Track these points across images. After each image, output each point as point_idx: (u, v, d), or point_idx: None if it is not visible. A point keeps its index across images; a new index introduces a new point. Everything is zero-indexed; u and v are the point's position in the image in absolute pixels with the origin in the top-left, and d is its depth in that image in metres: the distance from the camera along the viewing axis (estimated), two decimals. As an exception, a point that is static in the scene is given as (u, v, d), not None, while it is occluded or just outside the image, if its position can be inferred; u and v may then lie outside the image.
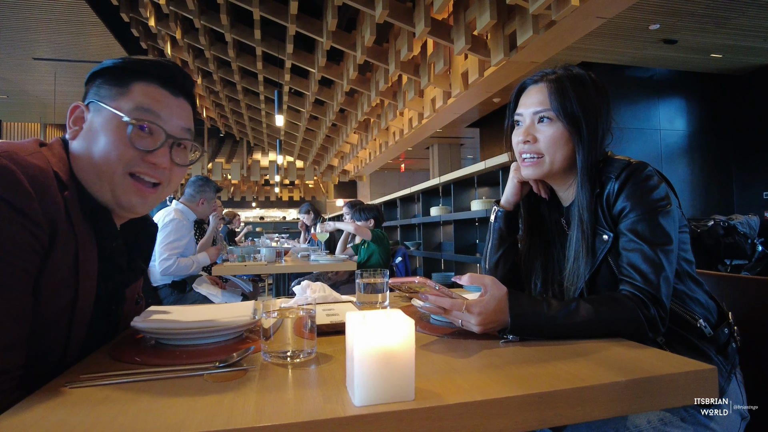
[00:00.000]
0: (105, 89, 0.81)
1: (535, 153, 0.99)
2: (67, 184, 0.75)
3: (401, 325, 0.55)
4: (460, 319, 0.81)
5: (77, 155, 0.80)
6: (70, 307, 0.73)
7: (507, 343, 0.79)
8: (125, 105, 0.80)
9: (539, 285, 1.08)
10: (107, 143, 0.78)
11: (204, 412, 0.52)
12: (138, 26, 6.85)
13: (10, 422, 0.50)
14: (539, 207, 1.12)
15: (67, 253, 0.72)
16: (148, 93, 0.81)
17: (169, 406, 0.54)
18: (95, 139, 0.79)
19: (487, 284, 0.81)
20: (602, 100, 0.98)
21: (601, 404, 0.59)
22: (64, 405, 0.55)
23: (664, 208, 0.89)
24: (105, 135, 0.79)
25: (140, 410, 0.53)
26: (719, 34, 5.74)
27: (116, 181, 0.79)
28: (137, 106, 0.80)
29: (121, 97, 0.80)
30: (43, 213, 0.67)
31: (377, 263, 3.44)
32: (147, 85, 0.82)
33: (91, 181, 0.80)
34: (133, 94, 0.80)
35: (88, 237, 0.77)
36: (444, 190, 4.67)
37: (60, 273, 0.71)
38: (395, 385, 0.54)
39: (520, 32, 3.83)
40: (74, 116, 0.81)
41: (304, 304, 0.75)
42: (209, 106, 10.91)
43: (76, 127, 0.81)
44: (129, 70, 0.82)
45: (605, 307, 0.82)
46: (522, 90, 1.04)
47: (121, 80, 0.81)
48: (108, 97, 0.80)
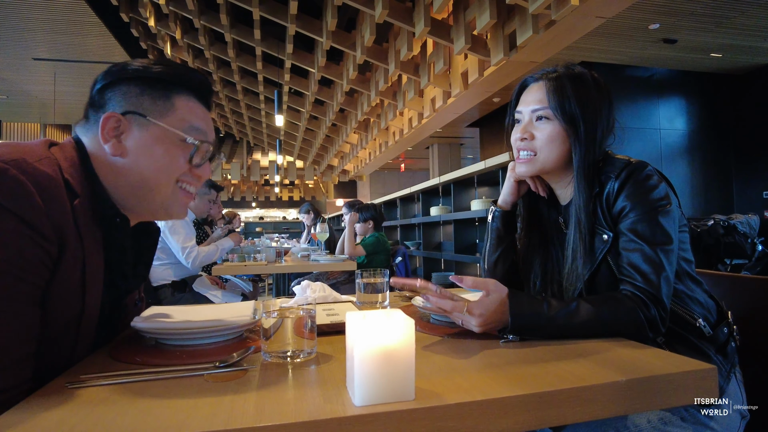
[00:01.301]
0: (147, 101, 0.80)
1: (531, 150, 0.99)
2: (79, 192, 0.73)
3: (401, 325, 0.55)
4: (461, 320, 0.81)
5: (114, 165, 0.79)
6: (77, 318, 0.73)
7: (507, 343, 0.79)
8: (178, 122, 0.82)
9: (538, 284, 1.08)
10: (166, 159, 0.81)
11: (204, 412, 0.52)
12: (138, 26, 6.85)
13: (10, 422, 0.50)
14: (538, 205, 1.12)
15: (75, 264, 0.71)
16: (193, 111, 0.84)
17: (169, 406, 0.54)
18: (146, 153, 0.79)
19: (488, 286, 0.81)
20: (603, 99, 0.98)
21: (601, 404, 0.59)
22: (64, 405, 0.55)
23: (664, 207, 0.89)
24: (162, 151, 0.80)
25: (140, 410, 0.53)
26: (719, 34, 5.74)
27: (168, 192, 0.83)
28: (191, 125, 0.83)
29: (169, 112, 0.81)
30: (52, 226, 0.66)
31: (378, 264, 3.45)
32: (188, 100, 0.84)
33: (130, 191, 0.80)
34: (180, 111, 0.82)
35: (95, 247, 0.76)
36: (444, 189, 4.67)
37: (68, 285, 0.70)
38: (395, 385, 0.54)
39: (519, 32, 3.83)
40: (110, 126, 0.79)
41: (304, 304, 0.75)
42: (209, 106, 10.89)
43: (112, 136, 0.79)
44: (169, 82, 0.82)
45: (606, 307, 0.82)
46: (524, 87, 1.05)
47: (163, 92, 0.81)
48: (156, 113, 0.80)
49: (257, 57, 6.88)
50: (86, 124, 0.82)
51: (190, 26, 6.76)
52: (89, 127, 0.81)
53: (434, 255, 4.85)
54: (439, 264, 5.13)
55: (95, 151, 0.80)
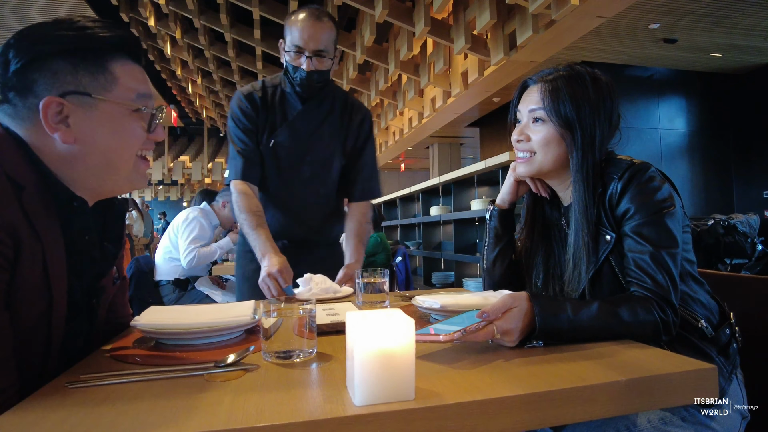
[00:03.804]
0: (86, 77, 0.73)
1: (528, 151, 1.00)
2: (23, 183, 0.67)
3: (401, 325, 0.55)
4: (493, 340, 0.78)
5: (67, 153, 0.73)
6: (46, 313, 0.70)
7: (532, 347, 0.77)
8: (125, 93, 0.77)
9: (540, 285, 1.08)
10: (125, 135, 0.77)
11: (204, 412, 0.52)
12: (138, 26, 6.85)
13: (10, 422, 0.50)
14: (540, 206, 1.12)
15: (35, 260, 0.67)
16: (134, 76, 0.79)
17: (169, 406, 0.54)
18: (103, 134, 0.75)
19: (508, 303, 0.77)
20: (603, 100, 0.96)
21: (601, 404, 0.59)
22: (64, 405, 0.55)
23: (668, 209, 0.89)
24: (118, 127, 0.76)
25: (140, 410, 0.53)
26: (719, 33, 5.74)
27: (131, 166, 0.79)
28: (138, 93, 0.78)
29: (111, 84, 0.75)
30: (2, 226, 0.62)
31: (378, 264, 3.45)
32: (124, 65, 0.78)
33: (89, 174, 0.75)
34: (123, 80, 0.76)
35: (53, 237, 0.70)
36: (444, 189, 4.68)
37: (30, 282, 0.67)
38: (395, 385, 0.54)
39: (519, 32, 3.83)
40: (52, 112, 0.71)
41: (306, 298, 0.75)
42: (209, 106, 10.91)
43: (58, 122, 0.72)
44: (99, 50, 0.75)
45: (625, 307, 0.81)
46: (524, 88, 1.05)
47: (98, 63, 0.74)
48: (99, 88, 0.74)
49: (257, 57, 6.88)
50: (11, 110, 0.73)
51: (190, 26, 6.76)
52: (17, 113, 0.72)
53: (434, 255, 4.85)
54: (439, 264, 5.13)
55: (35, 141, 0.72)
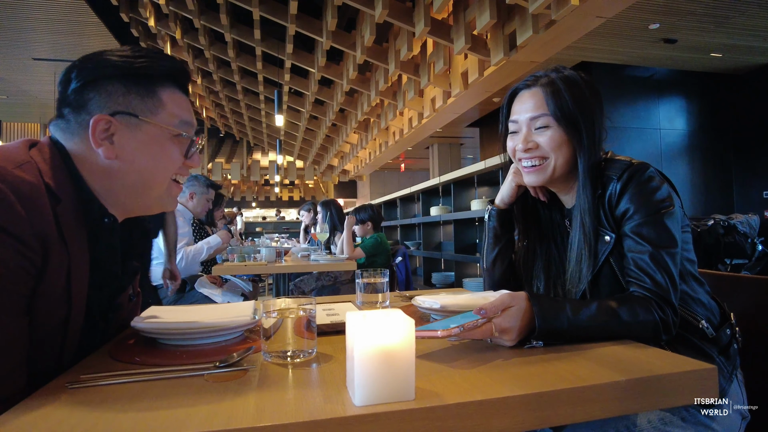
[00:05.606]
0: (136, 100, 0.78)
1: (539, 158, 0.97)
2: (61, 196, 0.71)
3: (401, 325, 0.55)
4: (492, 339, 0.78)
5: (107, 168, 0.77)
6: (63, 323, 0.71)
7: (531, 348, 0.77)
8: (169, 118, 0.81)
9: (542, 287, 1.07)
10: (164, 157, 0.81)
11: (204, 412, 0.52)
12: (138, 26, 6.85)
13: (10, 422, 0.50)
14: (536, 208, 1.11)
15: (60, 270, 0.69)
16: (180, 104, 0.84)
17: (169, 406, 0.54)
18: (143, 154, 0.79)
19: (506, 301, 0.78)
20: (596, 100, 0.97)
21: (601, 404, 0.59)
22: (64, 405, 0.55)
23: (667, 209, 0.88)
24: (158, 149, 0.80)
25: (140, 410, 0.53)
26: (719, 34, 5.74)
27: (164, 188, 0.83)
28: (182, 120, 0.83)
29: (158, 109, 0.80)
30: (34, 234, 0.65)
31: (378, 264, 3.45)
32: (173, 93, 0.83)
33: (125, 191, 0.79)
34: (169, 106, 0.81)
35: (80, 250, 0.73)
36: (444, 189, 4.68)
37: (53, 292, 0.69)
38: (395, 385, 0.54)
39: (519, 32, 3.83)
40: (101, 129, 0.76)
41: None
42: (209, 106, 10.91)
43: (104, 139, 0.76)
44: (153, 76, 0.80)
45: (625, 307, 0.81)
46: (514, 95, 1.02)
47: (149, 88, 0.80)
48: (147, 111, 0.79)
49: (257, 57, 6.88)
50: (64, 124, 0.78)
51: (190, 26, 6.76)
52: (68, 127, 0.78)
53: (434, 255, 4.85)
54: (439, 264, 5.13)
55: (80, 153, 0.77)
